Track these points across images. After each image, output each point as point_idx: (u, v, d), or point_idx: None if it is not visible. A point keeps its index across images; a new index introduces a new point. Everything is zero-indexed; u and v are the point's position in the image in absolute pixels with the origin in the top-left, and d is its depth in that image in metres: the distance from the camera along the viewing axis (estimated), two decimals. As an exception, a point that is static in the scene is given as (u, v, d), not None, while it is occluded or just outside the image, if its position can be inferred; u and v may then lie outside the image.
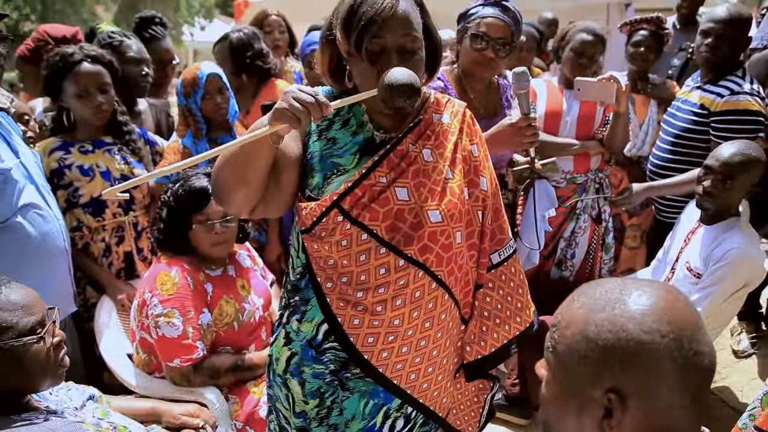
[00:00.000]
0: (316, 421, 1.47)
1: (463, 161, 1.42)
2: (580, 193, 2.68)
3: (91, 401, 1.54)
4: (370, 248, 1.33)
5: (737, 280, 2.18)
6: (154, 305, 1.91)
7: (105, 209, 2.27)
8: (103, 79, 2.22)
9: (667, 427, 0.77)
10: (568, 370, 0.81)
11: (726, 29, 2.49)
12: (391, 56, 1.26)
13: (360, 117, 1.40)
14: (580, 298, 0.83)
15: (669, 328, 0.75)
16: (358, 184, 1.32)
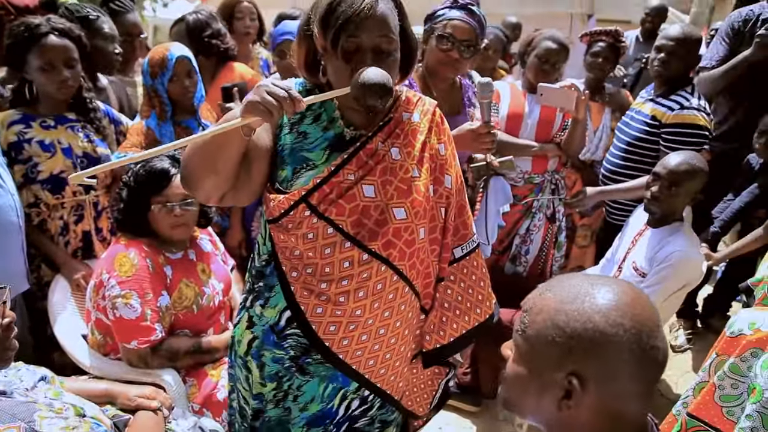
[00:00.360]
0: (272, 403, 1.51)
1: (430, 160, 1.46)
2: (537, 192, 2.77)
3: (42, 382, 1.50)
4: (336, 242, 1.36)
5: (679, 280, 2.31)
6: (112, 286, 1.89)
7: (65, 187, 2.22)
8: (70, 54, 2.15)
9: (619, 411, 0.84)
10: (535, 352, 0.87)
11: (677, 47, 2.64)
12: (365, 56, 1.29)
13: (331, 113, 1.42)
14: (553, 288, 0.90)
15: (631, 323, 0.82)
16: (327, 180, 1.34)
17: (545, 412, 0.89)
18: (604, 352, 0.82)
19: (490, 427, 2.68)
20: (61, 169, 2.19)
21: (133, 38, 3.05)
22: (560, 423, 0.88)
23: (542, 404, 0.88)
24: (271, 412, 1.52)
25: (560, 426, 0.89)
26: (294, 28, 2.55)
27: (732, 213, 2.80)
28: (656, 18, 4.19)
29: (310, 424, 1.53)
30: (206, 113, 2.63)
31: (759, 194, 2.73)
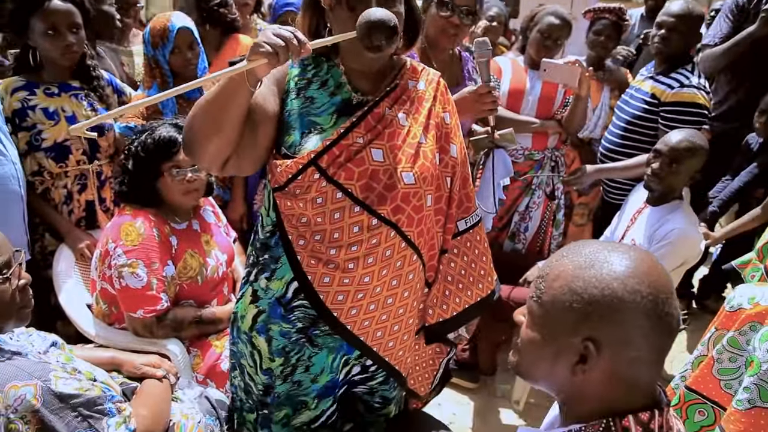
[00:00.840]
0: (281, 379, 1.51)
1: (436, 128, 1.46)
2: (537, 169, 2.79)
3: (54, 347, 1.53)
4: (345, 206, 1.36)
5: (677, 258, 2.34)
6: (118, 255, 1.89)
7: (69, 155, 2.20)
8: (74, 19, 2.12)
9: (632, 377, 0.86)
10: (551, 318, 0.88)
11: (678, 23, 2.61)
12: (370, 2, 1.29)
13: (338, 78, 1.42)
14: (569, 254, 0.90)
15: (648, 290, 0.83)
16: (336, 143, 1.34)
17: (559, 377, 0.90)
18: (620, 318, 0.82)
19: (488, 403, 2.72)
20: (64, 138, 2.18)
21: (130, 6, 3.01)
22: (573, 388, 0.89)
23: (556, 369, 0.89)
24: (279, 388, 1.52)
25: (573, 391, 0.90)
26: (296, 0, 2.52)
27: (731, 192, 2.83)
28: (660, -5, 4.15)
29: (320, 396, 1.54)
30: (210, 85, 2.60)
31: (758, 174, 2.75)
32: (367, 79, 1.43)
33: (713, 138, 3.02)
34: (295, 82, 1.42)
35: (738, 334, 1.57)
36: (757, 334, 1.51)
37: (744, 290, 1.64)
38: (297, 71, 1.44)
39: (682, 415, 1.65)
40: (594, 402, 0.88)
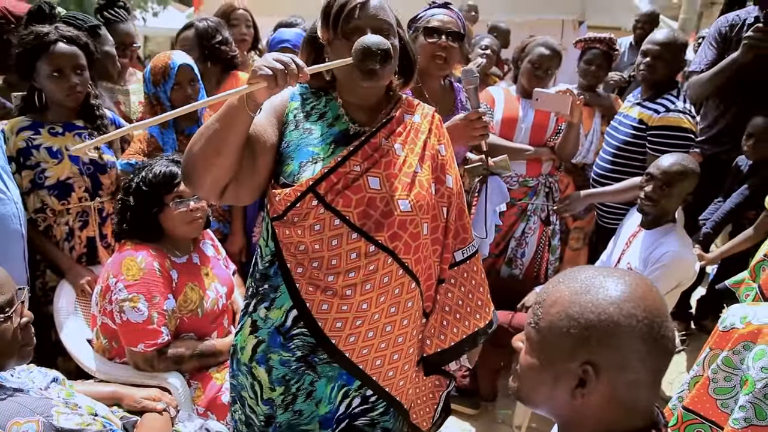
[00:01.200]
0: (282, 408, 1.51)
1: (431, 158, 1.51)
2: (531, 195, 2.83)
3: (54, 383, 1.54)
4: (342, 233, 1.39)
5: (672, 280, 2.37)
6: (119, 290, 1.92)
7: (71, 193, 2.25)
8: (78, 61, 2.19)
9: (630, 399, 0.87)
10: (549, 344, 0.90)
11: (662, 51, 2.68)
12: (365, 31, 1.36)
13: (336, 110, 1.48)
14: (565, 280, 0.92)
15: (644, 314, 0.84)
16: (334, 170, 1.38)
17: (558, 401, 0.91)
18: (617, 342, 0.84)
19: (489, 429, 2.71)
20: (67, 176, 2.23)
21: (126, 47, 3.09)
22: (573, 412, 0.90)
23: (556, 394, 0.90)
24: (281, 417, 1.52)
25: (572, 414, 0.91)
26: (291, 36, 2.60)
27: (723, 214, 2.86)
28: (647, 24, 4.28)
29: (320, 425, 1.54)
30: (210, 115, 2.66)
31: (749, 195, 2.79)
32: (364, 111, 1.48)
33: (704, 161, 3.07)
34: (294, 115, 1.47)
35: (732, 354, 1.58)
36: (750, 353, 1.53)
37: (736, 310, 1.66)
38: (296, 104, 1.49)
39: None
40: (593, 424, 0.90)
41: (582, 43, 3.44)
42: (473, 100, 2.11)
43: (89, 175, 2.27)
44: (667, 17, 5.96)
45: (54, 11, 2.65)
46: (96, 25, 2.67)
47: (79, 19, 2.66)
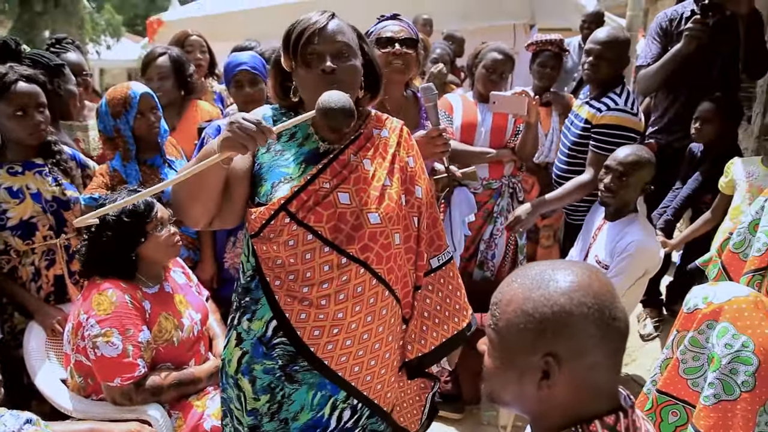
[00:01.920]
0: (267, 417, 1.54)
1: (401, 171, 1.56)
2: (496, 197, 2.88)
3: (28, 425, 1.51)
4: (315, 247, 1.44)
5: (638, 269, 2.44)
6: (91, 326, 1.89)
7: (35, 232, 2.21)
8: (40, 99, 2.18)
9: (592, 383, 0.91)
10: (509, 342, 0.93)
11: (603, 50, 2.72)
12: (324, 59, 1.42)
13: (306, 130, 1.54)
14: (517, 279, 0.95)
15: (593, 300, 0.88)
16: (304, 188, 1.44)
17: (526, 396, 0.94)
18: (572, 330, 0.88)
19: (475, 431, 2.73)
20: (30, 215, 2.20)
21: (77, 76, 2.99)
22: (541, 404, 0.93)
23: (523, 389, 0.93)
24: (267, 426, 1.55)
25: (541, 406, 0.94)
26: (247, 58, 2.61)
27: (681, 201, 2.96)
28: (593, 24, 4.40)
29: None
30: (171, 149, 2.66)
31: (703, 180, 2.89)
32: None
33: (659, 150, 3.17)
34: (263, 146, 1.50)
35: (697, 334, 1.64)
36: (714, 331, 1.58)
37: (698, 291, 1.72)
38: None
39: (656, 418, 1.70)
40: (561, 413, 0.93)
41: (533, 46, 3.53)
42: (433, 117, 2.15)
43: (53, 213, 2.24)
44: (615, 15, 6.12)
45: (20, 47, 2.63)
46: (60, 64, 2.65)
47: (44, 57, 2.64)
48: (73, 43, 3.18)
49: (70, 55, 3.04)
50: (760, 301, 1.61)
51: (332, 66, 1.41)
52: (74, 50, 3.13)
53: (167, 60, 2.92)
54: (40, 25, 13.41)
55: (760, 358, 1.51)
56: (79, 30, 14.76)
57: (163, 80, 2.89)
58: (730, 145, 2.98)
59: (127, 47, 16.33)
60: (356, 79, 1.47)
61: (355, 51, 1.47)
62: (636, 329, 3.41)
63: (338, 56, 1.43)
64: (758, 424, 1.51)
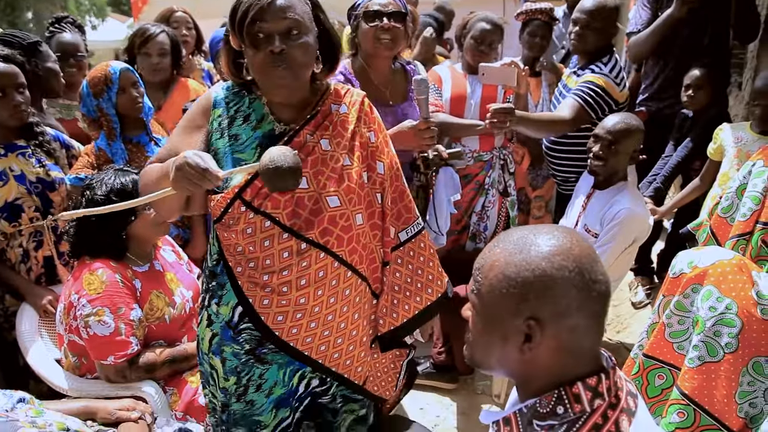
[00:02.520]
0: (235, 397, 1.56)
1: (361, 148, 1.52)
2: (487, 169, 2.88)
3: (21, 403, 1.52)
4: (273, 234, 1.43)
5: (628, 237, 2.45)
6: (83, 305, 1.90)
7: (21, 213, 2.21)
8: (19, 79, 2.15)
9: (575, 345, 0.92)
10: (492, 306, 0.94)
11: (590, 20, 2.67)
12: (272, 39, 1.34)
13: (261, 110, 1.48)
14: (499, 244, 0.96)
15: (574, 263, 0.89)
16: (257, 176, 1.38)
17: (510, 359, 0.95)
18: (554, 293, 0.89)
19: (469, 401, 2.76)
20: (15, 196, 2.19)
21: (72, 56, 2.96)
22: (524, 366, 0.94)
23: (506, 353, 0.94)
24: (234, 406, 1.57)
25: (524, 369, 0.95)
26: (230, 33, 2.58)
27: (671, 168, 2.95)
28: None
29: (277, 406, 1.58)
30: (157, 127, 2.64)
31: (692, 147, 2.88)
32: (290, 108, 1.48)
33: (650, 117, 3.16)
34: (219, 122, 1.48)
35: (682, 298, 1.66)
36: (698, 294, 1.60)
37: (683, 256, 1.74)
38: (219, 110, 1.50)
39: (643, 381, 1.73)
40: (544, 376, 0.94)
41: (523, 16, 3.49)
42: (423, 110, 2.13)
43: (38, 194, 2.24)
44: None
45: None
46: (35, 42, 2.60)
47: (17, 37, 2.59)
48: (74, 23, 3.15)
49: (65, 35, 3.01)
50: (743, 264, 1.63)
51: (281, 46, 1.33)
52: (73, 30, 3.08)
53: (167, 38, 2.90)
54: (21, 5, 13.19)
55: (743, 320, 1.53)
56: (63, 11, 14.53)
57: (162, 57, 2.87)
58: (720, 111, 2.97)
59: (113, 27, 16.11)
60: (308, 58, 1.39)
61: (306, 26, 1.38)
62: (628, 297, 3.44)
63: (287, 35, 1.34)
64: (741, 384, 1.53)
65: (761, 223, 1.84)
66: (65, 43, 2.94)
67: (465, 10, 3.84)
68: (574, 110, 2.62)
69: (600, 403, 0.90)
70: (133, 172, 2.05)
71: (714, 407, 1.56)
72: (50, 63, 2.65)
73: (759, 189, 1.88)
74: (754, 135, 2.54)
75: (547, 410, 0.92)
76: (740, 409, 1.57)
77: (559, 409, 0.91)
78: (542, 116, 2.70)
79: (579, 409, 0.90)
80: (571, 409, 0.90)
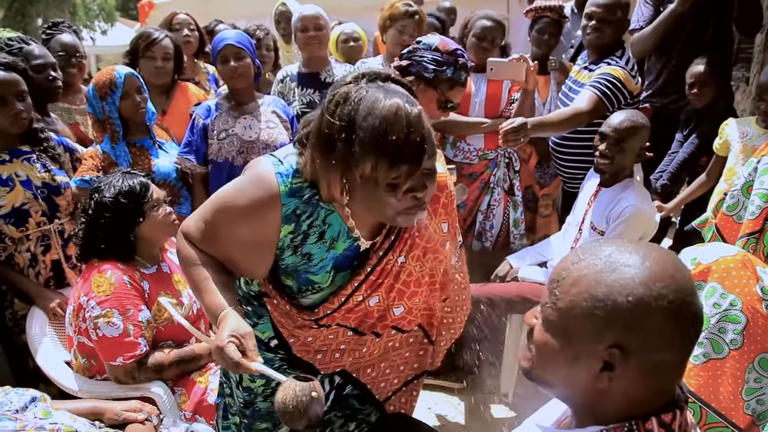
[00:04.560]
0: (262, 397, 1.57)
1: (427, 241, 1.44)
2: (492, 168, 2.88)
3: (33, 402, 1.52)
4: (338, 332, 1.48)
5: (634, 234, 2.43)
6: (92, 307, 1.92)
7: (28, 218, 2.23)
8: (20, 87, 2.18)
9: (658, 381, 0.84)
10: (571, 325, 0.84)
11: (607, 13, 2.66)
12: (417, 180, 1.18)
13: (338, 226, 1.32)
14: (585, 257, 0.86)
15: (675, 294, 0.79)
16: (339, 308, 1.39)
17: (578, 383, 0.86)
18: (647, 324, 0.80)
19: (477, 400, 2.76)
20: (22, 202, 2.21)
21: (71, 57, 2.95)
22: (594, 395, 0.86)
23: (575, 376, 0.86)
24: (261, 405, 1.58)
25: (594, 398, 0.86)
26: (232, 35, 2.60)
27: (677, 165, 2.94)
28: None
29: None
30: (160, 132, 2.66)
31: (699, 143, 2.87)
32: (371, 225, 1.35)
33: (655, 114, 3.15)
34: (291, 239, 1.32)
35: (687, 295, 1.64)
36: (702, 291, 1.59)
37: (687, 253, 1.73)
38: (291, 227, 1.30)
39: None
40: (615, 407, 0.86)
41: (532, 13, 3.47)
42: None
43: (44, 199, 2.26)
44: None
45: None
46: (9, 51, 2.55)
47: (12, 40, 2.60)
48: (70, 27, 3.17)
49: (63, 36, 3.01)
50: (748, 259, 1.62)
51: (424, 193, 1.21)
52: (70, 33, 3.10)
53: (170, 42, 2.93)
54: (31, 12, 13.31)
55: (748, 316, 1.52)
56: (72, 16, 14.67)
57: (166, 61, 2.90)
58: (726, 105, 2.95)
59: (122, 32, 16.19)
60: None
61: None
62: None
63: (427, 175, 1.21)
64: (747, 381, 1.52)
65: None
66: (66, 44, 2.94)
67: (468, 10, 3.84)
68: (592, 102, 2.60)
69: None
70: (140, 175, 2.08)
71: (720, 404, 1.55)
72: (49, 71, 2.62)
73: (766, 186, 1.86)
74: (760, 130, 2.53)
75: None
76: (747, 406, 1.56)
77: None
78: (558, 115, 2.65)
79: None
80: None
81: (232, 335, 1.19)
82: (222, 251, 1.33)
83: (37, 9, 13.48)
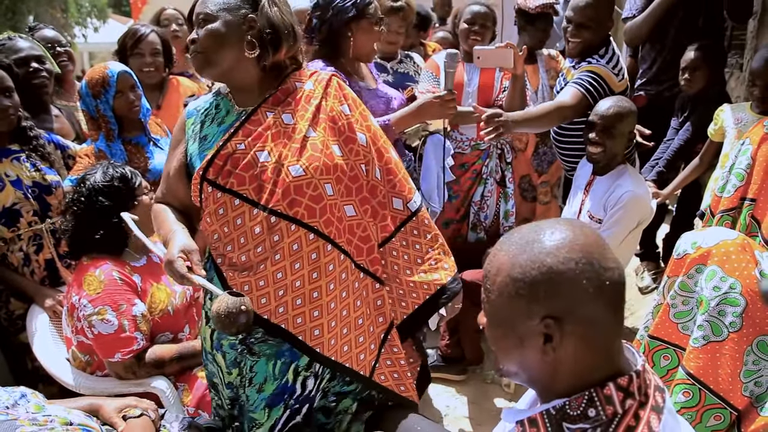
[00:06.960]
0: (242, 388, 1.59)
1: (330, 120, 1.56)
2: (484, 158, 2.87)
3: (23, 399, 1.50)
4: (244, 211, 1.48)
5: (631, 220, 2.44)
6: (84, 306, 1.91)
7: (19, 218, 2.21)
8: (6, 83, 2.15)
9: (597, 340, 0.88)
10: (504, 311, 0.91)
11: (583, 17, 2.55)
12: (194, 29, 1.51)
13: (227, 105, 1.58)
14: (503, 246, 0.93)
15: (580, 255, 0.85)
16: (217, 154, 1.48)
17: (532, 364, 0.91)
18: (565, 289, 0.85)
19: (479, 391, 2.75)
20: (13, 202, 2.19)
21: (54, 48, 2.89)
22: (548, 368, 0.90)
23: (526, 357, 0.91)
24: (242, 396, 1.61)
25: (549, 373, 0.91)
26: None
27: (673, 152, 2.93)
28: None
29: (269, 405, 1.58)
30: (155, 128, 2.64)
31: (693, 130, 2.87)
32: (252, 92, 1.55)
33: (650, 101, 3.14)
34: (192, 129, 1.60)
35: (686, 278, 1.65)
36: (703, 275, 1.60)
37: (687, 237, 1.73)
38: (192, 119, 1.61)
39: (648, 362, 1.72)
40: (570, 377, 0.90)
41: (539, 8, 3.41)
42: (449, 82, 2.26)
43: (35, 198, 2.24)
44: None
45: None
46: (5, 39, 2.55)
47: None
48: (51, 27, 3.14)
49: (46, 31, 3.00)
50: (747, 243, 1.62)
51: (193, 37, 1.48)
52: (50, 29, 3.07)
53: (157, 37, 2.90)
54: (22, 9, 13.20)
55: (747, 299, 1.53)
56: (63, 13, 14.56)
57: (155, 56, 2.88)
58: (719, 91, 2.95)
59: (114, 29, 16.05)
60: (213, 43, 1.46)
61: (214, 16, 1.46)
62: (634, 282, 3.43)
63: (200, 25, 1.47)
64: (745, 363, 1.53)
65: (748, 199, 1.86)
66: (48, 39, 2.92)
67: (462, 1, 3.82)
68: (575, 97, 2.57)
69: (631, 403, 0.87)
70: (122, 166, 2.09)
71: (719, 386, 1.56)
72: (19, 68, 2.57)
73: (743, 166, 1.92)
74: (754, 115, 2.52)
75: (578, 412, 0.88)
76: (745, 387, 1.57)
77: (590, 412, 0.87)
78: (541, 109, 2.58)
79: (611, 412, 0.86)
80: (603, 411, 0.86)
81: (182, 251, 1.41)
82: (167, 187, 1.64)
83: (28, 6, 13.36)
